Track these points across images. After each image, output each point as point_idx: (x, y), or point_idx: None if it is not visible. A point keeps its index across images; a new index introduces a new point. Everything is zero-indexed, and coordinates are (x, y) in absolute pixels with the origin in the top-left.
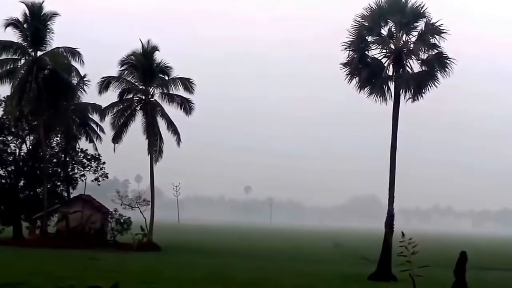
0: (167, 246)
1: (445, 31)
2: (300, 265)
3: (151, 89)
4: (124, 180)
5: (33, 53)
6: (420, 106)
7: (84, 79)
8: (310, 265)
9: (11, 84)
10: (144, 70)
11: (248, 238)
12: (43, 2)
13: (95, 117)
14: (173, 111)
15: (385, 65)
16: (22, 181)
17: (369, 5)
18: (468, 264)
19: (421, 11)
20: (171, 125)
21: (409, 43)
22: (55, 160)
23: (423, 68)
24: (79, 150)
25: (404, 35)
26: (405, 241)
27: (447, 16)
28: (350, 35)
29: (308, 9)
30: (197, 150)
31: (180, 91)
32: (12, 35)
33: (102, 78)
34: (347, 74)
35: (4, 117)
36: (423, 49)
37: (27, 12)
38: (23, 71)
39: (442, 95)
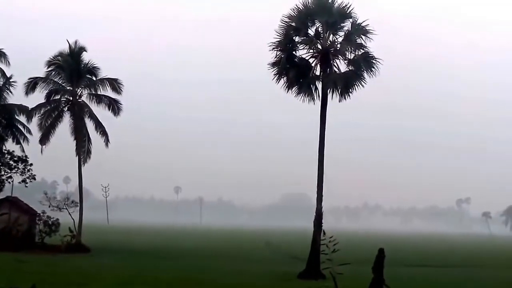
0: (96, 248)
1: (371, 31)
2: (230, 264)
3: (78, 90)
4: (53, 181)
5: None
6: (349, 104)
7: (10, 80)
8: (240, 264)
9: None
10: (72, 70)
11: (178, 239)
12: None
13: (22, 118)
14: (101, 111)
15: (313, 65)
16: None
17: (296, 5)
18: (386, 261)
19: (348, 12)
20: (99, 126)
21: (336, 43)
22: None
23: (350, 68)
24: (6, 151)
25: (331, 35)
26: (326, 239)
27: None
28: (278, 35)
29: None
30: (126, 150)
31: (108, 92)
32: None
33: (28, 79)
34: (275, 74)
35: None
36: (349, 49)
37: None
38: None
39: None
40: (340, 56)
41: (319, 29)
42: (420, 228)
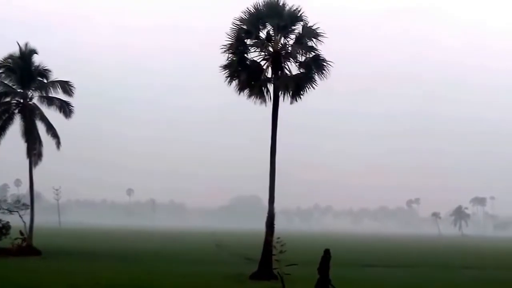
0: (48, 251)
1: (321, 34)
2: (182, 266)
3: (29, 92)
4: (3, 184)
5: None
6: (297, 109)
7: None
8: (192, 266)
9: None
10: (22, 73)
11: (130, 241)
12: None
13: None
14: (52, 114)
15: (264, 67)
16: None
17: (248, 8)
18: (334, 261)
19: (298, 15)
20: (50, 129)
21: (287, 46)
22: None
23: (301, 70)
24: None
25: (282, 38)
26: (276, 240)
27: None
28: (230, 38)
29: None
30: (78, 153)
31: (60, 94)
32: None
33: None
34: (227, 77)
35: None
36: (300, 51)
37: None
38: None
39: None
40: (291, 59)
41: (271, 32)
42: (371, 228)
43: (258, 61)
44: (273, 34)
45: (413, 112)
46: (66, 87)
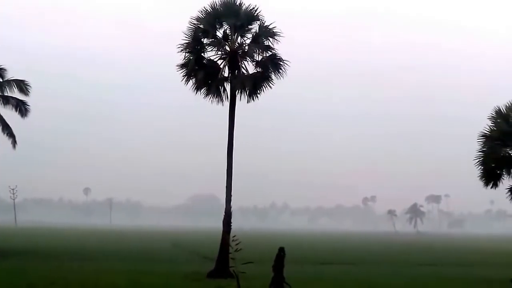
0: (3, 250)
1: (278, 33)
2: (139, 265)
3: None
4: None
5: None
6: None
7: None
8: (149, 265)
9: None
10: None
11: (87, 240)
12: None
13: None
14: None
15: (221, 66)
16: None
17: (204, 7)
18: (290, 259)
19: (255, 14)
20: (6, 128)
21: (244, 45)
22: None
23: (258, 70)
24: None
25: (239, 38)
26: (231, 239)
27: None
28: (186, 37)
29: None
30: (35, 152)
31: (16, 93)
32: None
33: None
34: (183, 76)
35: None
36: (257, 51)
37: None
38: None
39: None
40: (248, 58)
41: (227, 31)
42: (327, 226)
43: (215, 60)
44: (230, 34)
45: (367, 112)
46: (22, 86)
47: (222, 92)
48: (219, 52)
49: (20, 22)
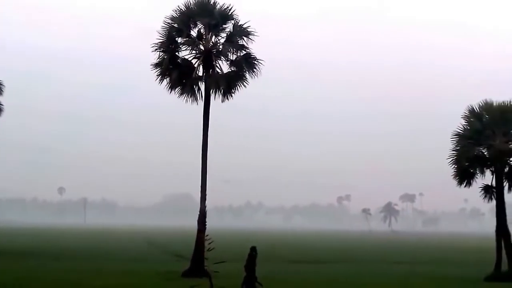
0: None
1: (252, 32)
2: (114, 264)
3: None
4: None
5: None
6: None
7: None
8: (125, 264)
9: None
10: None
11: (61, 239)
12: None
13: None
14: None
15: (195, 65)
16: None
17: (178, 7)
18: (265, 257)
19: (229, 13)
20: None
21: (218, 44)
22: None
23: (232, 69)
24: None
25: (213, 37)
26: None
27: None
28: (161, 36)
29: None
30: (8, 151)
31: None
32: None
33: None
34: (158, 75)
35: None
36: (231, 50)
37: None
38: None
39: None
40: (222, 57)
41: (202, 31)
42: (302, 225)
43: (189, 59)
44: (204, 33)
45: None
46: None
47: (196, 91)
48: (194, 51)
49: None
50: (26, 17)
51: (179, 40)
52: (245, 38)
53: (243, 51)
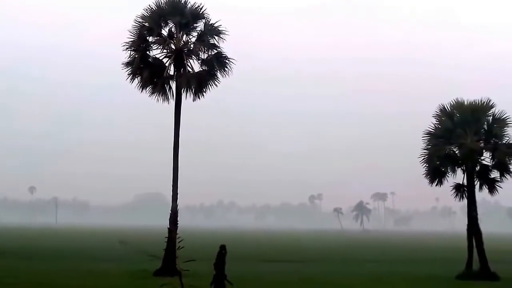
0: None
1: (223, 32)
2: (86, 264)
3: None
4: None
5: None
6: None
7: None
8: (96, 264)
9: None
10: None
11: (33, 239)
12: None
13: None
14: None
15: (167, 64)
16: None
17: (149, 5)
18: (227, 257)
19: (200, 12)
20: None
21: (189, 43)
22: None
23: (204, 68)
24: None
25: (185, 36)
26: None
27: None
28: (131, 35)
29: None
30: None
31: None
32: None
33: None
34: (128, 74)
35: None
36: (203, 49)
37: None
38: None
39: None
40: (193, 56)
41: (173, 29)
42: (274, 224)
43: (161, 58)
44: (175, 32)
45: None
46: None
47: (167, 91)
48: (165, 50)
49: None
50: None
51: (150, 39)
52: (216, 37)
53: (215, 50)
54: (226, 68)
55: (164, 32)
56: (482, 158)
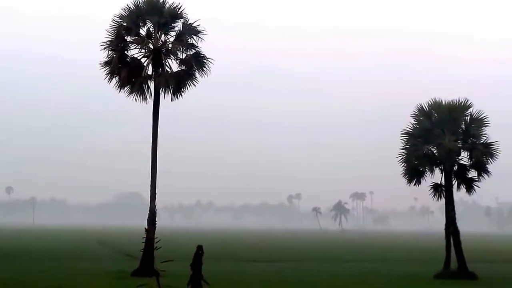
0: None
1: (202, 31)
2: (63, 264)
3: None
4: None
5: None
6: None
7: None
8: (74, 264)
9: None
10: None
11: (9, 239)
12: None
13: None
14: None
15: (145, 64)
16: None
17: (127, 5)
18: (204, 257)
19: (179, 12)
20: None
21: (168, 43)
22: None
23: (182, 68)
24: None
25: (163, 35)
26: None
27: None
28: (109, 35)
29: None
30: None
31: None
32: None
33: None
34: (107, 74)
35: None
36: (181, 49)
37: None
38: None
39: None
40: (172, 56)
41: (151, 29)
42: (252, 224)
43: (139, 58)
44: (153, 31)
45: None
46: None
47: (146, 90)
48: (143, 50)
49: None
50: None
51: (128, 38)
52: (194, 37)
53: (193, 50)
54: (204, 68)
55: (142, 31)
56: (460, 158)
